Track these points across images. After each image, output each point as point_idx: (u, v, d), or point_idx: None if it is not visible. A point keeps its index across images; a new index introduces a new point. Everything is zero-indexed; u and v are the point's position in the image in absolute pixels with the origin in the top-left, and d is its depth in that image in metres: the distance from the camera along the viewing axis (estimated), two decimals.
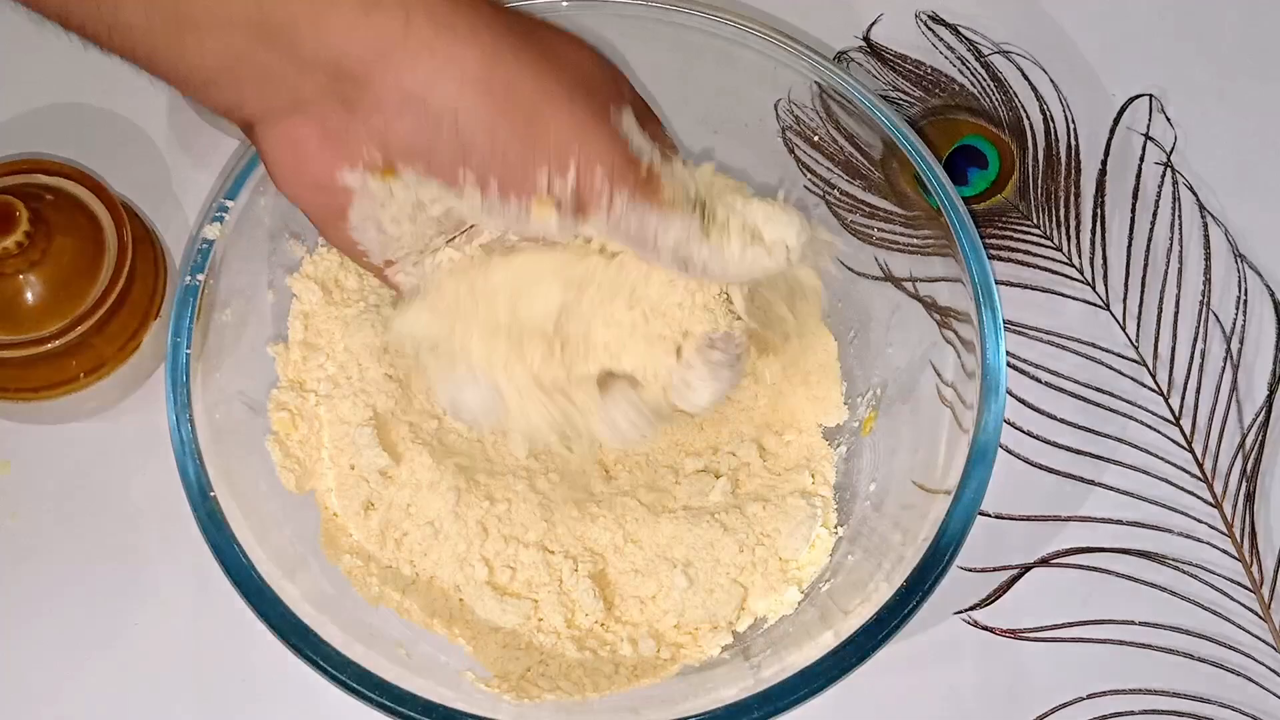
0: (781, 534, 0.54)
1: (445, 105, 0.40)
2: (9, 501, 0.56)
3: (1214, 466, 0.59)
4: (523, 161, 0.41)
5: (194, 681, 0.54)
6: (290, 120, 0.41)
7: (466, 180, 0.42)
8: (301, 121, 0.41)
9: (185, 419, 0.47)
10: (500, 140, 0.41)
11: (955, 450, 0.49)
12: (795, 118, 0.57)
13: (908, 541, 0.48)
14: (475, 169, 0.41)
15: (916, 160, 0.53)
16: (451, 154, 0.41)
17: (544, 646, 0.51)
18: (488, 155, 0.41)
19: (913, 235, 0.56)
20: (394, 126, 0.41)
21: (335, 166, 0.42)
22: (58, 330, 0.53)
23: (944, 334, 0.53)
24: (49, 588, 0.55)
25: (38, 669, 0.54)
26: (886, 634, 0.45)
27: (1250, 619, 0.56)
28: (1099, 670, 0.55)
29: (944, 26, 0.68)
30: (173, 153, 0.63)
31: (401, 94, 0.40)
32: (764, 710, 0.44)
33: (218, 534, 0.46)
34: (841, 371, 0.58)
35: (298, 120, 0.41)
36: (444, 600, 0.52)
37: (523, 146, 0.41)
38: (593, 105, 0.42)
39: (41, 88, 0.64)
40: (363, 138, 0.41)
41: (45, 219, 0.53)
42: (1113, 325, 0.62)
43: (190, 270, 0.50)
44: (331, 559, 0.51)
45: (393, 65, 0.40)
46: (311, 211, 0.44)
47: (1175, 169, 0.65)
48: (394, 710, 0.44)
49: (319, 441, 0.53)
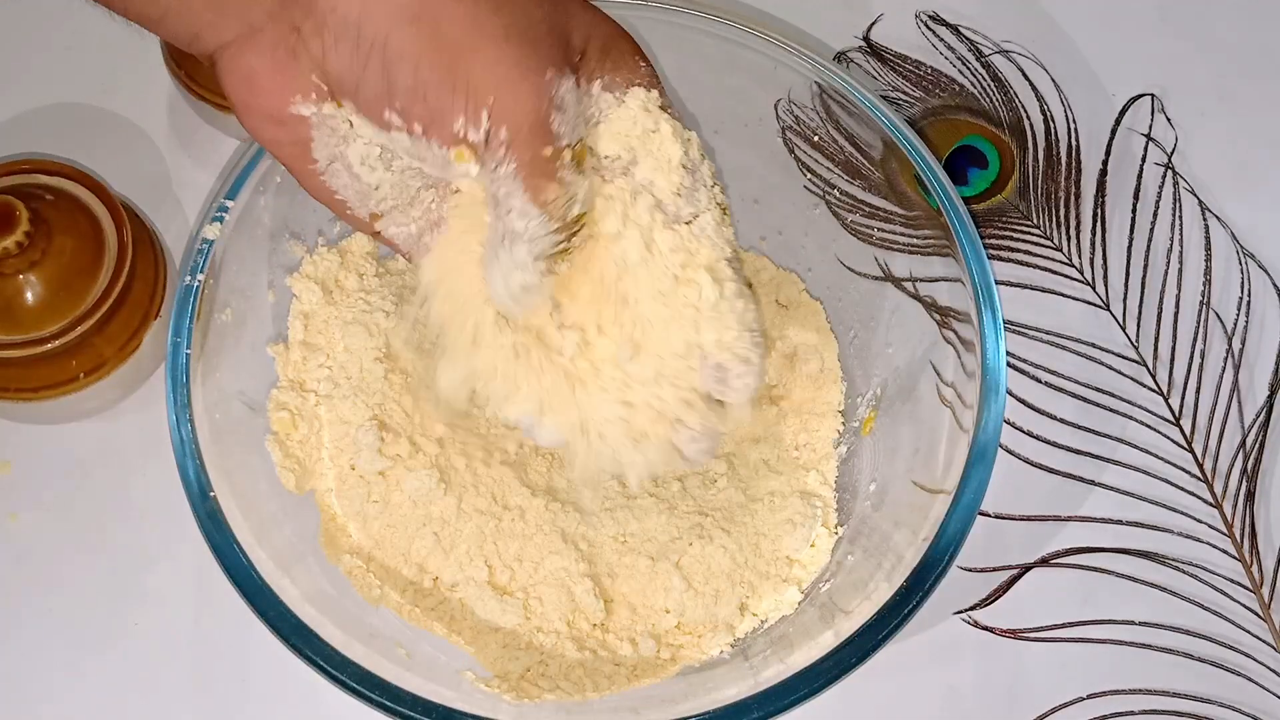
0: (782, 534, 0.54)
1: (375, 35, 0.38)
2: (9, 501, 0.56)
3: (1214, 466, 0.59)
4: (441, 103, 0.39)
5: (194, 681, 0.54)
6: (243, 51, 0.40)
7: (392, 120, 0.40)
8: (253, 51, 0.40)
9: (185, 419, 0.47)
10: (422, 77, 0.39)
11: (955, 450, 0.49)
12: (795, 118, 0.57)
13: (908, 541, 0.48)
14: (399, 107, 0.39)
15: (916, 160, 0.53)
16: (377, 89, 0.39)
17: (544, 646, 0.51)
18: (410, 93, 0.39)
19: (913, 235, 0.56)
20: (329, 55, 0.39)
21: (286, 97, 0.40)
22: (58, 330, 0.53)
23: (944, 334, 0.53)
24: (49, 588, 0.55)
25: (38, 669, 0.54)
26: (886, 634, 0.45)
27: (1250, 619, 0.56)
28: (1099, 670, 0.55)
29: (944, 26, 0.68)
30: (173, 153, 0.63)
31: (338, 19, 0.38)
32: (764, 710, 0.44)
33: (218, 534, 0.46)
34: (841, 371, 0.58)
35: (250, 50, 0.40)
36: (444, 601, 0.52)
37: (441, 87, 0.39)
38: (527, 55, 0.39)
39: (41, 88, 0.64)
40: (308, 66, 0.40)
41: (45, 219, 0.53)
42: (1113, 325, 0.62)
43: (190, 270, 0.50)
44: (331, 559, 0.51)
45: None
46: (277, 151, 0.42)
47: (1175, 169, 0.65)
48: (394, 710, 0.44)
49: (319, 441, 0.53)
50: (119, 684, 0.54)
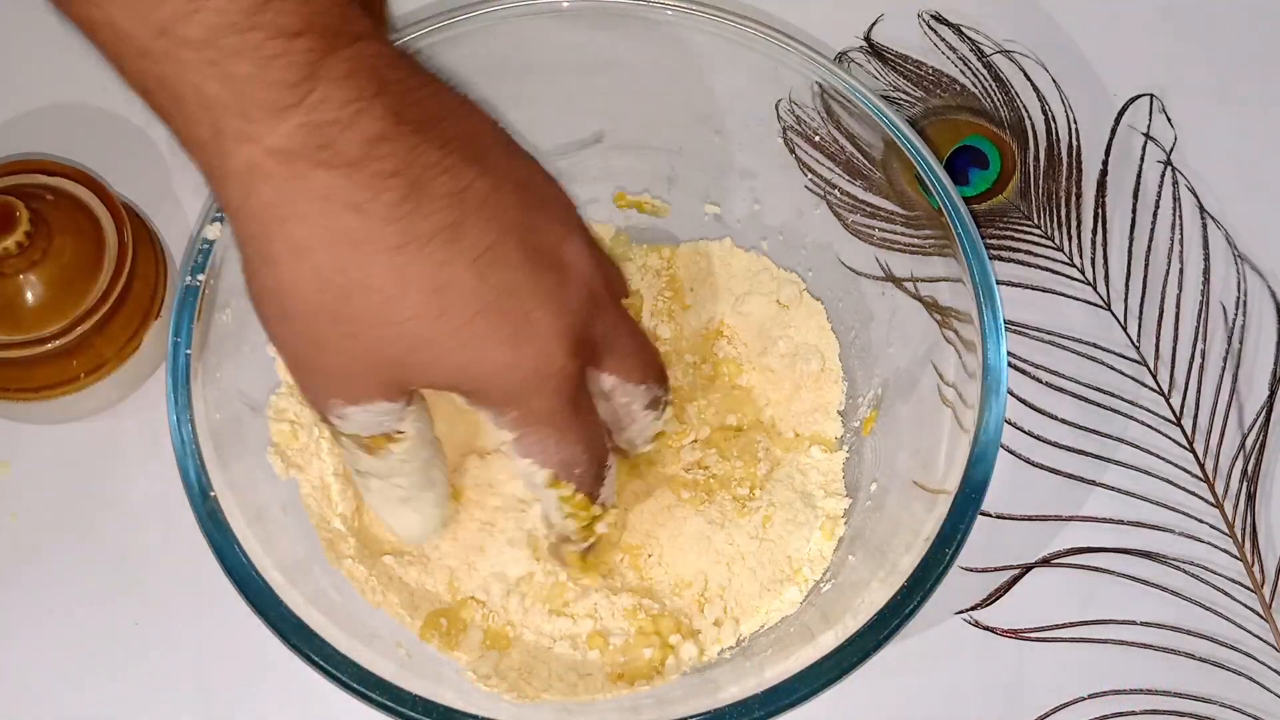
0: (782, 534, 0.54)
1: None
2: (9, 501, 0.56)
3: (1215, 466, 0.59)
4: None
5: (194, 681, 0.54)
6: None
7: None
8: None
9: (185, 419, 0.47)
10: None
11: (956, 450, 0.49)
12: (796, 118, 0.57)
13: (908, 542, 0.48)
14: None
15: (917, 160, 0.53)
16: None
17: (544, 646, 0.51)
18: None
19: (914, 235, 0.56)
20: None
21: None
22: (58, 330, 0.53)
23: (945, 334, 0.53)
24: (49, 587, 0.55)
25: (38, 669, 0.54)
26: (887, 634, 0.45)
27: (1251, 619, 0.56)
28: (1100, 670, 0.55)
29: (946, 26, 0.68)
30: (173, 153, 0.63)
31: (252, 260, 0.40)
32: (765, 710, 0.44)
33: (218, 534, 0.46)
34: (842, 371, 0.58)
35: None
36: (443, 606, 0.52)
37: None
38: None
39: (41, 88, 0.64)
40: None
41: (45, 219, 0.53)
42: (1113, 325, 0.62)
43: (190, 270, 0.50)
44: (333, 562, 0.51)
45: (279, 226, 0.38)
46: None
47: (1176, 169, 0.65)
48: (394, 710, 0.44)
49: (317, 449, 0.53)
50: (119, 684, 0.53)
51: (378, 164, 0.37)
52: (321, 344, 0.40)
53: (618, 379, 0.46)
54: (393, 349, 0.40)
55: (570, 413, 0.43)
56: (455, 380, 0.41)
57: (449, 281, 0.39)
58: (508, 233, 0.40)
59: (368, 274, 0.38)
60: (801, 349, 0.58)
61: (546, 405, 0.42)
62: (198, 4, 0.35)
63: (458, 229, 0.38)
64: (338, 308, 0.39)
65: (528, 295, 0.40)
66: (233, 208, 0.38)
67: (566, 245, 0.42)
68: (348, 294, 0.38)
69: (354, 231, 0.37)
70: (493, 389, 0.41)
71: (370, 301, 0.38)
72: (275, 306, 0.40)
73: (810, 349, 0.58)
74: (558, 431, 0.43)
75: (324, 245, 0.38)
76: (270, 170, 0.37)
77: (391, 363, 0.40)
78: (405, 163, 0.38)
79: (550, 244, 0.42)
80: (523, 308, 0.40)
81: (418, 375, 0.41)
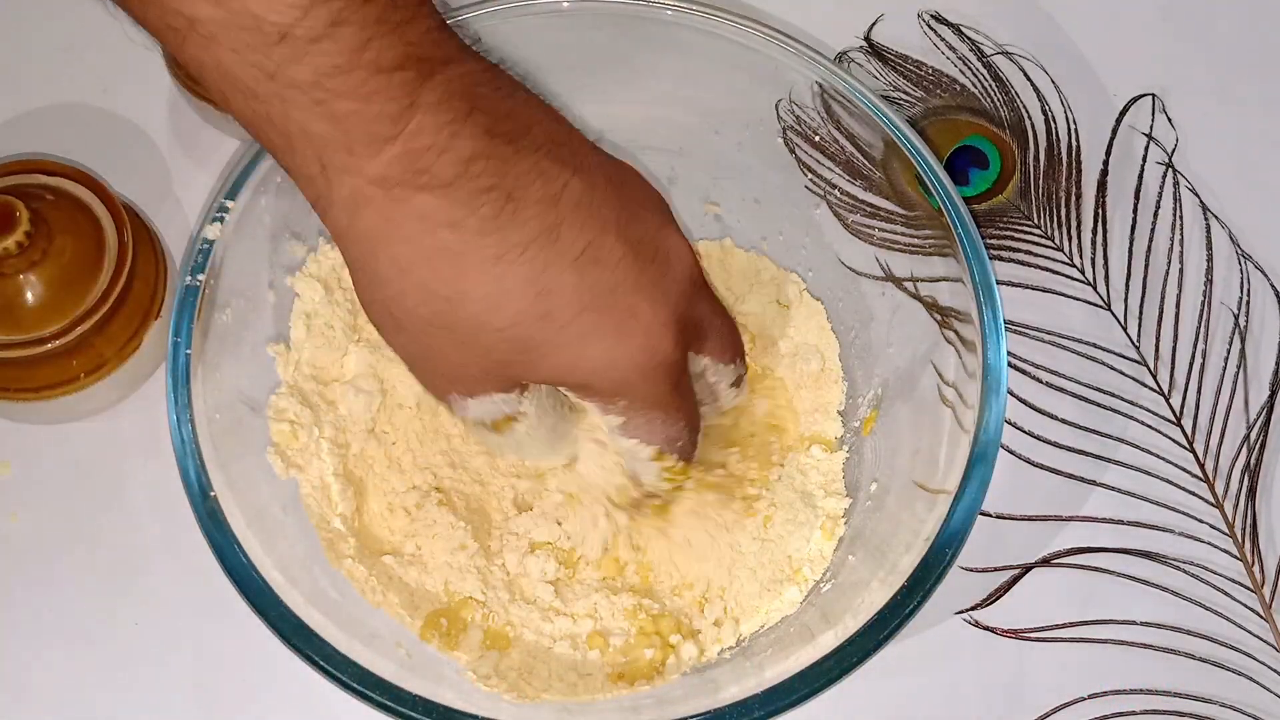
0: (782, 534, 0.54)
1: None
2: (9, 501, 0.56)
3: (1215, 466, 0.59)
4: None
5: (194, 681, 0.54)
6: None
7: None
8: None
9: (185, 419, 0.47)
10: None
11: (956, 450, 0.49)
12: (796, 118, 0.57)
13: (908, 542, 0.48)
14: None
15: (917, 160, 0.53)
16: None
17: (545, 646, 0.51)
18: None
19: (914, 235, 0.56)
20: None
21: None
22: (58, 330, 0.53)
23: (945, 334, 0.53)
24: (49, 587, 0.55)
25: (38, 669, 0.54)
26: (887, 634, 0.45)
27: (1252, 619, 0.56)
28: (1100, 670, 0.55)
29: (946, 26, 0.68)
30: (173, 153, 0.63)
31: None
32: (765, 710, 0.44)
33: (218, 534, 0.46)
34: (842, 371, 0.58)
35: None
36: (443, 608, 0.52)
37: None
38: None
39: (41, 88, 0.64)
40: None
41: (45, 219, 0.53)
42: (1114, 325, 0.62)
43: (190, 270, 0.50)
44: (333, 562, 0.51)
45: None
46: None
47: (1176, 169, 0.65)
48: (394, 710, 0.44)
49: (317, 449, 0.53)
50: (119, 684, 0.53)
51: (473, 181, 0.38)
52: (434, 351, 0.42)
53: (711, 359, 0.48)
54: (500, 352, 0.41)
55: (675, 396, 0.44)
56: (563, 377, 0.43)
57: (551, 284, 0.40)
58: (606, 230, 0.41)
59: (469, 286, 0.39)
60: (801, 349, 0.58)
61: (654, 392, 0.43)
62: (306, 48, 0.36)
63: (555, 232, 0.40)
64: (445, 319, 0.40)
65: (631, 289, 0.41)
66: (339, 232, 0.40)
67: (664, 235, 0.43)
68: (452, 305, 0.40)
69: (452, 246, 0.39)
70: (601, 383, 0.43)
71: (474, 311, 0.40)
72: (388, 320, 0.42)
73: (810, 349, 0.58)
74: (665, 413, 0.45)
75: (425, 262, 0.39)
76: (372, 196, 0.38)
77: (501, 364, 0.42)
78: (499, 175, 0.39)
79: (649, 235, 0.43)
80: (626, 302, 0.41)
81: (528, 373, 0.43)
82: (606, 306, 0.41)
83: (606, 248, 0.41)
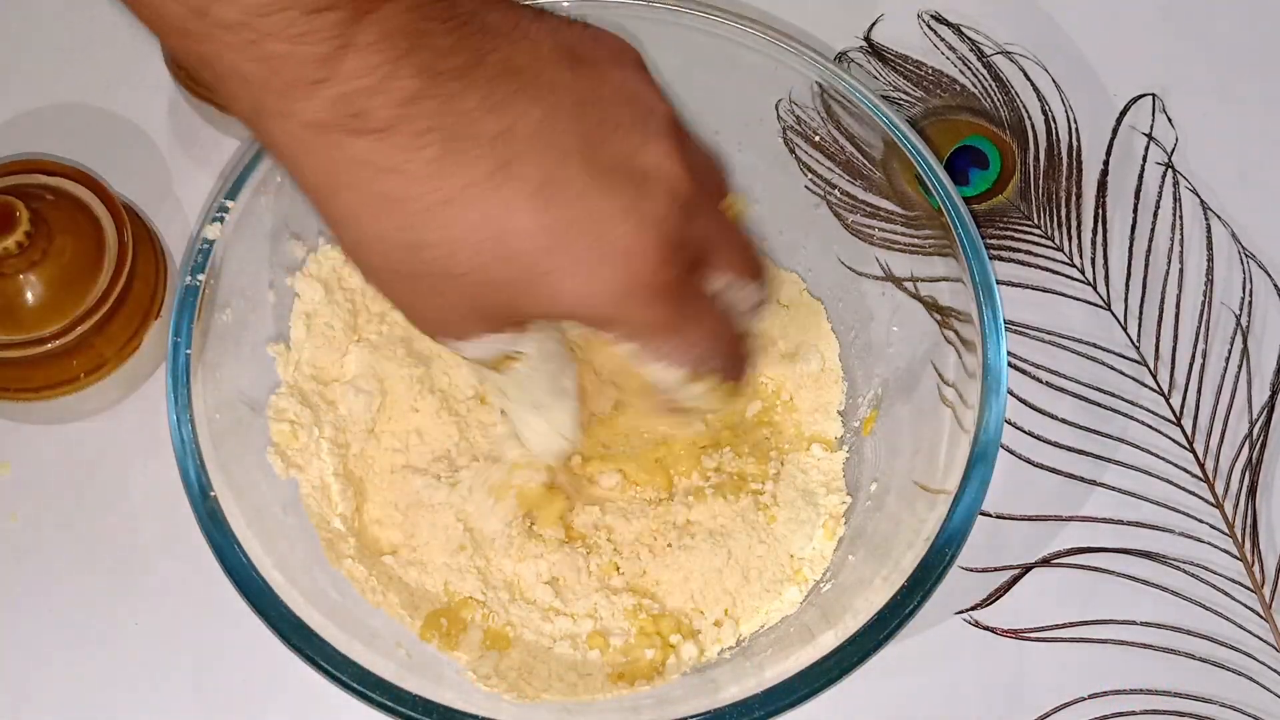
0: (782, 534, 0.54)
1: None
2: (9, 501, 0.56)
3: (1215, 466, 0.59)
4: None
5: (194, 681, 0.54)
6: None
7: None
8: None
9: (185, 419, 0.47)
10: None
11: (956, 450, 0.49)
12: (796, 118, 0.57)
13: (909, 541, 0.48)
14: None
15: (917, 160, 0.53)
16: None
17: (545, 646, 0.51)
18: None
19: (914, 235, 0.56)
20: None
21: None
22: (58, 330, 0.53)
23: (945, 334, 0.53)
24: (49, 588, 0.55)
25: (37, 669, 0.54)
26: (887, 634, 0.45)
27: (1252, 619, 0.56)
28: (1100, 670, 0.55)
29: (946, 26, 0.68)
30: (173, 153, 0.63)
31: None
32: (765, 710, 0.44)
33: (218, 534, 0.46)
34: (842, 371, 0.58)
35: None
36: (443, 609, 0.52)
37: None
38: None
39: (41, 88, 0.64)
40: None
41: (45, 219, 0.53)
42: (1114, 325, 0.62)
43: (190, 270, 0.50)
44: (333, 562, 0.51)
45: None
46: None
47: (1176, 169, 0.65)
48: (394, 710, 0.44)
49: (317, 449, 0.53)
50: (119, 684, 0.53)
51: (411, 123, 0.37)
52: (410, 296, 0.41)
53: (731, 275, 0.45)
54: (473, 297, 0.40)
55: (678, 317, 0.42)
56: (545, 312, 0.41)
57: (507, 225, 0.38)
58: (566, 160, 0.39)
59: (422, 233, 0.38)
60: (801, 349, 0.58)
61: (650, 316, 0.41)
62: None
63: (507, 169, 0.38)
64: (409, 267, 0.39)
65: (601, 217, 0.39)
66: (292, 178, 0.39)
67: (645, 153, 0.40)
68: (412, 253, 0.38)
69: (395, 192, 0.37)
70: (584, 314, 0.41)
71: (432, 257, 0.38)
72: (360, 264, 0.41)
73: (810, 349, 0.58)
74: (675, 335, 0.43)
75: (373, 211, 0.38)
76: (310, 143, 0.37)
77: (479, 307, 0.40)
78: (442, 114, 0.37)
79: (623, 156, 0.40)
80: (595, 230, 0.39)
81: (509, 313, 0.41)
82: (574, 238, 0.39)
83: (566, 180, 0.38)
